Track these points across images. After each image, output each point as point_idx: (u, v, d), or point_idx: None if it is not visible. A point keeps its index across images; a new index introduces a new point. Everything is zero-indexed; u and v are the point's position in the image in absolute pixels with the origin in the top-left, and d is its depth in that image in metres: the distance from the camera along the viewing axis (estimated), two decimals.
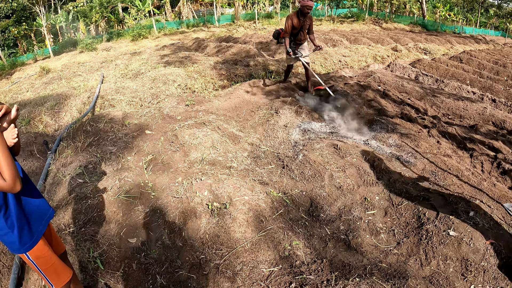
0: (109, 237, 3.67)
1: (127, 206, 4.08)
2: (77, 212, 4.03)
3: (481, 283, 3.53)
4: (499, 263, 3.70)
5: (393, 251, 3.88)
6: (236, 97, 8.19)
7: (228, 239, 3.65)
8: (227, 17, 37.67)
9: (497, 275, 3.59)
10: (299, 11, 8.09)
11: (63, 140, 6.23)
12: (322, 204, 4.49)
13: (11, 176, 1.97)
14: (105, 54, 20.40)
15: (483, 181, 5.35)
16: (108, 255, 3.50)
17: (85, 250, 3.50)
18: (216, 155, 5.21)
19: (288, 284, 3.24)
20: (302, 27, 8.23)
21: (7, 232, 2.26)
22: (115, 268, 3.39)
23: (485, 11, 60.15)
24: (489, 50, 22.90)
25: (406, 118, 7.89)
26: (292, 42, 8.51)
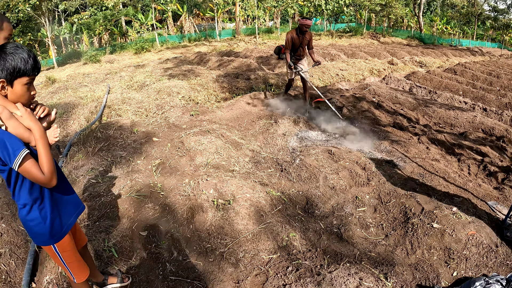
0: (122, 230, 4.03)
1: (138, 203, 4.45)
2: (91, 208, 4.41)
3: (464, 269, 3.91)
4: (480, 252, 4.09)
5: (381, 242, 4.29)
6: (237, 108, 8.60)
7: (231, 231, 4.04)
8: (228, 31, 38.17)
9: (479, 262, 3.98)
10: (298, 29, 8.49)
11: (73, 145, 6.61)
12: (317, 202, 4.92)
13: (49, 171, 2.14)
14: (109, 66, 20.76)
15: (469, 182, 5.82)
16: (122, 245, 3.85)
17: (100, 241, 3.84)
18: (219, 160, 5.61)
19: (286, 268, 3.63)
20: (301, 43, 8.61)
21: (39, 222, 2.37)
22: (128, 256, 3.74)
23: (482, 23, 60.70)
24: (484, 62, 23.24)
25: (397, 127, 8.31)
26: (292, 58, 8.87)
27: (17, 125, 2.10)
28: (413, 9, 47.00)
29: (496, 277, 3.70)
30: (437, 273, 3.86)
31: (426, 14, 61.41)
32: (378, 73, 16.01)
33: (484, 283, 3.58)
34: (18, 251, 3.96)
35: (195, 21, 42.51)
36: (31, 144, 2.18)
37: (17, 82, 2.11)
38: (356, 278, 3.47)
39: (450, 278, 3.85)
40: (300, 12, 41.87)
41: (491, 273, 3.87)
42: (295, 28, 8.70)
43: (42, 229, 2.41)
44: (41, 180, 2.13)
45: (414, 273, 3.83)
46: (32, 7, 23.54)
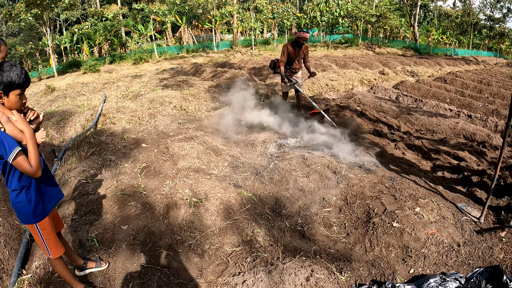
0: (105, 224, 4.47)
1: (122, 201, 4.89)
2: (79, 205, 4.84)
3: (421, 267, 4.20)
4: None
5: (342, 240, 4.63)
6: (224, 117, 9.00)
7: (200, 225, 4.47)
8: (226, 43, 38.55)
9: (438, 261, 4.28)
10: (295, 41, 8.68)
11: (69, 150, 7.05)
12: (285, 203, 5.31)
13: (36, 165, 2.72)
14: (108, 76, 21.09)
15: (441, 185, 6.07)
16: (103, 236, 4.29)
17: (85, 232, 4.29)
18: (200, 164, 6.01)
19: (245, 259, 4.06)
20: (297, 56, 8.82)
21: (25, 204, 2.94)
22: (108, 246, 4.17)
23: (479, 32, 60.85)
24: (477, 70, 23.47)
25: (376, 134, 8.60)
26: (288, 71, 9.10)
27: (12, 128, 2.67)
28: (408, 20, 47.40)
29: (454, 275, 3.91)
30: (393, 269, 4.15)
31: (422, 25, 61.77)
32: (368, 83, 16.26)
33: (439, 280, 3.79)
34: (13, 242, 4.36)
35: (194, 33, 42.95)
36: (23, 143, 2.74)
37: (12, 93, 2.70)
38: (308, 270, 3.81)
39: (407, 275, 4.13)
40: (297, 23, 42.34)
41: (450, 272, 4.09)
42: (291, 41, 8.87)
43: (27, 209, 2.99)
44: (29, 171, 2.71)
45: (370, 269, 4.16)
46: (33, 17, 23.98)
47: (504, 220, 5.16)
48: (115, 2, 44.67)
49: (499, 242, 4.66)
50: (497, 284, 3.81)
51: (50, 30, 26.74)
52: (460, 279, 3.89)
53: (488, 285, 3.85)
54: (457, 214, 5.17)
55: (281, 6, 40.23)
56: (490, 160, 7.51)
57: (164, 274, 3.87)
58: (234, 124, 8.20)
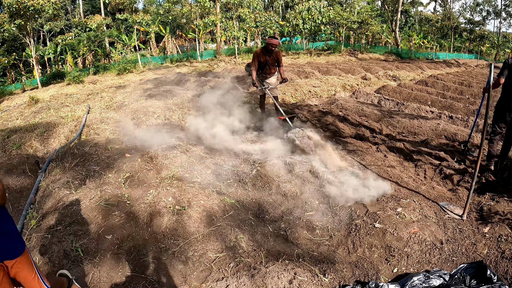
0: (90, 234, 4.50)
1: (106, 211, 4.91)
2: (63, 215, 4.85)
3: (405, 266, 4.30)
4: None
5: (325, 243, 4.74)
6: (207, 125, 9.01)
7: (184, 232, 4.52)
8: (210, 52, 38.53)
9: (421, 259, 4.38)
10: (264, 48, 8.79)
11: (53, 161, 7.05)
12: (268, 208, 5.39)
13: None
14: (92, 86, 21.02)
15: (422, 185, 6.24)
16: (88, 246, 4.32)
17: (69, 242, 4.31)
18: (183, 172, 6.05)
19: (228, 264, 4.13)
20: (267, 61, 8.90)
21: None
22: (93, 256, 4.20)
23: (459, 36, 61.72)
24: (458, 73, 23.87)
25: (358, 138, 8.70)
26: (260, 75, 9.21)
27: None
28: (390, 25, 48.00)
29: (438, 273, 4.00)
30: (377, 269, 4.25)
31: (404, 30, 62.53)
32: (351, 89, 16.46)
33: (423, 278, 3.88)
34: None
35: (177, 42, 42.85)
36: None
37: None
38: (291, 273, 3.90)
39: (391, 275, 4.23)
40: (280, 31, 42.61)
41: (434, 269, 4.19)
42: (262, 47, 8.99)
43: None
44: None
45: (354, 270, 4.26)
46: (17, 27, 23.75)
47: (487, 216, 5.27)
48: (98, 13, 44.58)
49: (482, 238, 4.80)
50: (482, 279, 3.90)
51: (33, 41, 26.56)
52: (444, 276, 3.97)
53: (472, 281, 3.94)
54: (440, 213, 5.29)
55: (264, 14, 40.43)
56: (472, 159, 7.67)
57: (148, 282, 3.92)
58: (217, 132, 8.24)
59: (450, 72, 25.73)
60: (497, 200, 5.68)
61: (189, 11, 37.36)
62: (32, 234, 4.57)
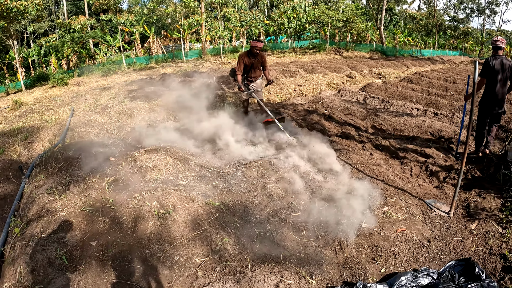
0: (74, 241, 4.42)
1: (91, 217, 4.84)
2: (48, 222, 4.78)
3: (393, 265, 4.33)
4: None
5: (311, 244, 4.72)
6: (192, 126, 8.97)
7: (169, 237, 4.48)
8: (195, 52, 38.49)
9: (409, 258, 4.41)
10: (249, 51, 8.72)
11: (36, 166, 6.97)
12: (254, 210, 5.36)
13: None
14: (76, 89, 20.84)
15: (409, 183, 6.25)
16: (72, 253, 4.25)
17: (53, 250, 4.24)
18: (168, 175, 6.01)
19: (214, 268, 4.10)
20: (252, 64, 8.83)
21: None
22: (77, 263, 4.13)
23: (443, 33, 62.33)
24: (442, 69, 24.04)
25: (344, 136, 8.70)
26: (245, 79, 9.13)
27: None
28: (375, 24, 48.32)
29: (426, 271, 4.02)
30: (364, 270, 4.26)
31: (388, 28, 63.00)
32: (336, 87, 16.49)
33: (411, 277, 3.89)
34: None
35: (162, 43, 42.72)
36: None
37: None
38: (278, 276, 3.89)
39: (378, 274, 4.25)
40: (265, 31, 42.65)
41: (422, 268, 4.21)
42: (246, 51, 8.92)
43: None
44: None
45: (341, 271, 4.27)
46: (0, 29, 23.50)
47: (474, 213, 5.31)
48: (83, 13, 44.23)
49: (470, 234, 4.85)
50: (470, 277, 3.91)
51: (17, 43, 26.23)
52: (432, 274, 3.99)
53: (461, 278, 3.96)
54: (426, 210, 5.34)
55: (249, 14, 40.49)
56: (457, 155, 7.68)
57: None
58: (202, 134, 8.19)
59: (434, 69, 25.90)
60: (484, 196, 5.74)
61: (174, 11, 37.19)
62: (16, 242, 4.49)
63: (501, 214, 5.23)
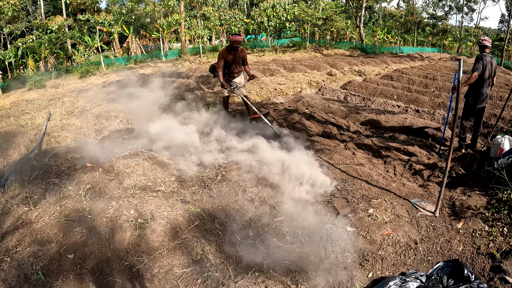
0: (50, 254, 4.26)
1: (67, 228, 4.69)
2: (23, 235, 4.61)
3: (380, 270, 4.26)
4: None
5: (296, 250, 4.59)
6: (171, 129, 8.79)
7: (148, 248, 4.34)
8: (174, 51, 38.37)
9: (396, 261, 4.34)
10: (229, 46, 8.70)
11: (11, 175, 6.76)
12: (235, 216, 5.23)
13: None
14: (54, 91, 20.55)
15: (393, 182, 6.20)
16: (49, 268, 4.08)
17: (29, 265, 4.07)
18: (146, 181, 5.86)
19: (195, 280, 3.98)
20: (234, 60, 8.80)
21: None
22: (55, 278, 3.98)
23: (422, 30, 63.26)
24: (422, 66, 24.31)
25: (325, 136, 8.64)
26: (227, 75, 9.07)
27: None
28: (354, 21, 48.71)
29: (414, 274, 3.95)
30: (351, 275, 4.17)
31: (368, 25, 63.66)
32: (317, 85, 16.49)
33: (399, 282, 3.80)
34: None
35: (142, 42, 42.35)
36: None
37: None
38: (262, 286, 3.79)
39: (366, 280, 4.18)
40: (245, 29, 42.57)
41: (410, 271, 4.16)
42: (226, 46, 8.91)
43: None
44: None
45: (327, 277, 4.14)
46: None
47: (460, 212, 5.28)
48: (60, 14, 43.49)
49: (457, 234, 4.83)
50: (459, 278, 3.88)
51: None
52: (420, 277, 3.93)
53: (450, 280, 3.92)
54: (412, 211, 5.30)
55: (228, 12, 40.32)
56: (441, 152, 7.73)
57: None
58: (181, 136, 8.04)
59: (414, 66, 26.12)
60: (469, 195, 5.73)
61: (152, 10, 36.81)
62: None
63: (487, 212, 5.22)
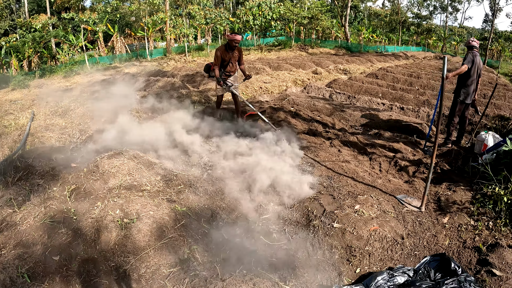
0: (36, 256, 4.20)
1: (52, 229, 4.63)
2: (8, 238, 4.53)
3: (367, 265, 4.29)
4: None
5: (283, 247, 4.61)
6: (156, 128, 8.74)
7: (134, 248, 4.31)
8: (160, 50, 38.15)
9: (384, 256, 4.37)
10: (227, 44, 8.67)
11: None
12: (221, 214, 5.23)
13: None
14: (37, 91, 20.19)
15: (378, 179, 6.26)
16: (35, 271, 4.03)
17: (15, 268, 4.01)
18: (131, 181, 5.81)
19: (183, 279, 3.96)
20: (230, 59, 8.81)
21: None
22: (41, 281, 3.92)
23: (407, 29, 63.99)
24: (407, 65, 24.60)
25: (311, 133, 8.68)
26: (222, 74, 9.05)
27: None
28: (340, 20, 49.00)
29: (402, 269, 3.99)
30: (339, 271, 4.20)
31: (353, 24, 64.15)
32: (302, 83, 16.55)
33: (387, 277, 3.83)
34: None
35: (126, 41, 42.08)
36: None
37: None
38: (250, 284, 3.79)
39: (354, 275, 4.20)
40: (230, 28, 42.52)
41: (397, 266, 4.18)
42: (224, 44, 8.88)
43: None
44: None
45: (315, 273, 4.17)
46: None
47: (445, 207, 5.35)
48: (44, 12, 43.03)
49: (443, 228, 4.88)
50: (446, 272, 3.91)
51: None
52: (408, 272, 3.98)
53: (437, 274, 3.97)
54: (398, 206, 5.33)
55: (214, 11, 40.14)
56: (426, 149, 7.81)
57: None
58: (167, 135, 8.00)
59: (399, 64, 26.40)
60: (454, 190, 5.82)
61: (138, 8, 36.52)
62: None
63: (472, 206, 5.30)
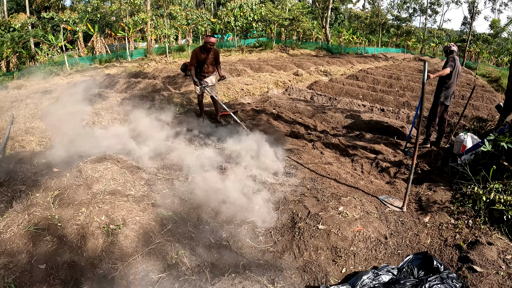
0: (22, 265, 4.14)
1: (37, 237, 4.56)
2: None
3: (353, 265, 4.34)
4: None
5: (269, 249, 4.67)
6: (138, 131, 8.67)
7: (122, 254, 4.28)
8: (140, 51, 37.89)
9: (368, 256, 4.42)
10: (203, 46, 8.82)
11: None
12: (207, 218, 5.25)
13: None
14: (16, 92, 19.84)
15: (361, 180, 6.33)
16: (21, 280, 3.97)
17: (1, 277, 3.96)
18: (116, 186, 5.76)
19: (172, 285, 3.95)
20: (206, 60, 8.93)
21: None
22: None
23: (387, 31, 64.72)
24: (386, 66, 24.84)
25: (293, 135, 8.75)
26: (199, 74, 9.18)
27: None
28: (320, 22, 49.37)
29: (386, 268, 4.06)
30: (325, 272, 4.24)
31: (334, 26, 64.69)
32: (284, 85, 16.63)
33: (372, 276, 3.91)
34: None
35: (107, 41, 41.68)
36: None
37: None
38: (239, 287, 3.81)
39: (340, 275, 4.25)
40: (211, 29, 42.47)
41: (382, 265, 4.26)
42: (200, 46, 9.04)
43: None
44: None
45: (302, 275, 4.22)
46: None
47: (426, 206, 5.47)
48: (23, 11, 42.41)
49: (424, 228, 4.99)
50: (429, 269, 4.01)
51: None
52: (392, 270, 4.05)
53: (420, 272, 4.06)
54: (380, 207, 5.42)
55: (195, 12, 40.10)
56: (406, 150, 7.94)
57: None
58: (149, 138, 7.95)
59: (379, 66, 26.66)
60: (434, 190, 5.94)
61: (118, 8, 36.26)
62: None
63: (452, 206, 5.45)
